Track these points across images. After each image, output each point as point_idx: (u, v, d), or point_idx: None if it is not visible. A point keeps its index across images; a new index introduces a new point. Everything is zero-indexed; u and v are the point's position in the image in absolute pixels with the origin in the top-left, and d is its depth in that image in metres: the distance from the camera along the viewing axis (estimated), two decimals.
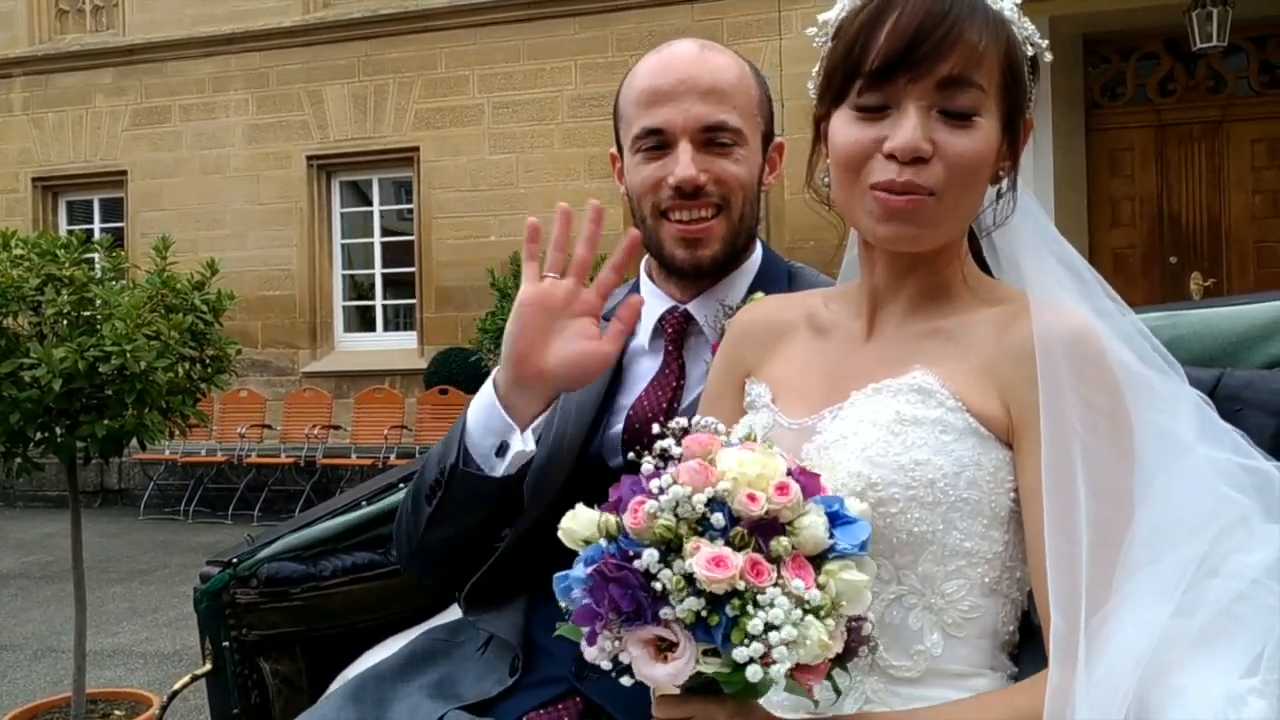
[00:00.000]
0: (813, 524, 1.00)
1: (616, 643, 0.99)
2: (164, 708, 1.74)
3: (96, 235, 11.23)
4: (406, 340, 11.35)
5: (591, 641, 1.00)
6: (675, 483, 0.99)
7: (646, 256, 1.67)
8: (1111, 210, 9.05)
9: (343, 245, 11.70)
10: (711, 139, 1.55)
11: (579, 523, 1.04)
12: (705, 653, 0.96)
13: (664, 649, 0.97)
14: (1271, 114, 8.70)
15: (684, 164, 1.53)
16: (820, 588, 0.97)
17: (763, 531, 0.98)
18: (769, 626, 0.93)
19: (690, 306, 1.62)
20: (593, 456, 1.59)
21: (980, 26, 1.14)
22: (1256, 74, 8.72)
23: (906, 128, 1.13)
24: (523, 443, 1.47)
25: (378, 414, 10.08)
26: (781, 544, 0.98)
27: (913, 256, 1.23)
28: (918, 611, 1.16)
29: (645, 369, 1.63)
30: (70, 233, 4.28)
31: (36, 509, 9.89)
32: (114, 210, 12.18)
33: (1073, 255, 1.23)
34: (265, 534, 1.81)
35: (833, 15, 1.23)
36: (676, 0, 9.96)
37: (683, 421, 1.07)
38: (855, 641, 1.02)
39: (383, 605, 1.81)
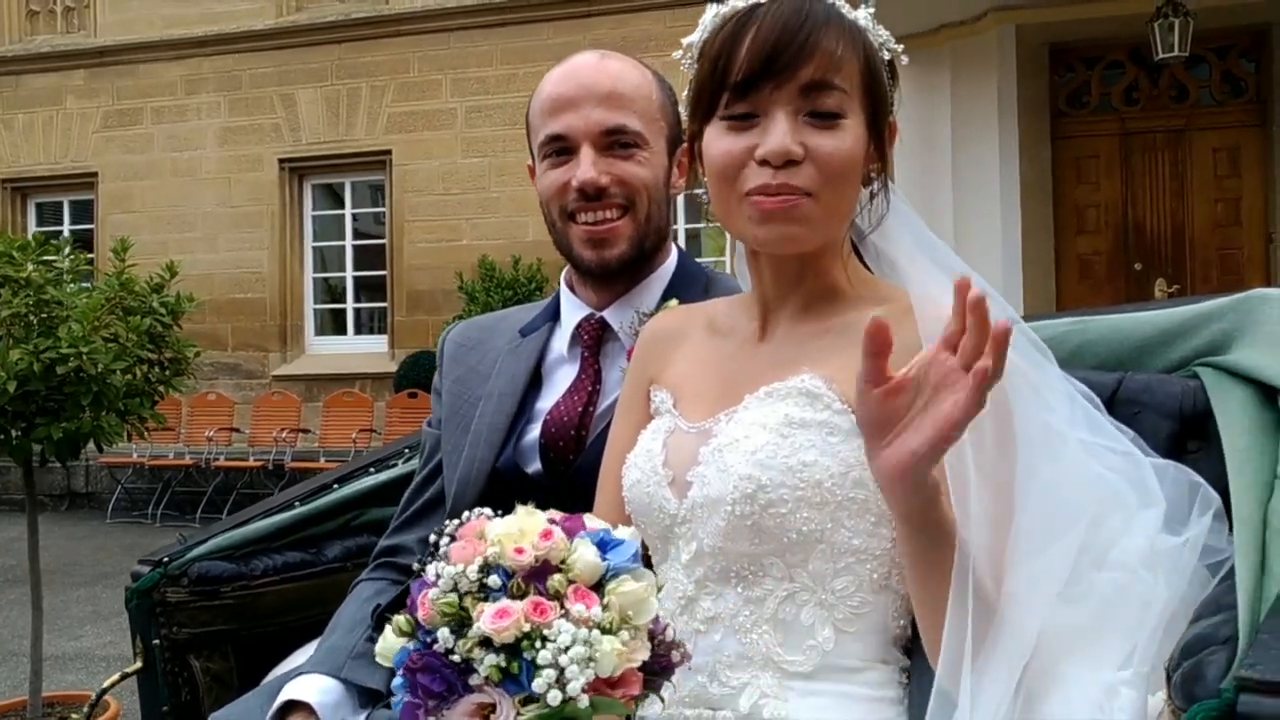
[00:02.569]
0: (583, 556, 1.05)
1: None
2: (93, 705, 1.75)
3: (64, 237, 11.20)
4: (377, 344, 11.35)
5: None
6: (448, 565, 1.04)
7: (567, 266, 1.71)
8: (1077, 217, 9.11)
9: (314, 248, 11.70)
10: (613, 142, 1.58)
11: (388, 641, 1.08)
12: (523, 701, 1.00)
13: (488, 715, 1.01)
14: (1233, 123, 8.80)
15: (585, 166, 1.57)
16: (604, 606, 1.02)
17: (538, 577, 1.04)
18: (560, 651, 0.98)
19: (606, 313, 1.65)
20: (505, 469, 1.62)
21: (836, 34, 1.18)
22: (1219, 84, 8.81)
23: (776, 133, 1.17)
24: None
25: (347, 417, 10.07)
26: (557, 580, 1.03)
27: (798, 261, 1.27)
28: (810, 608, 1.19)
29: (564, 375, 1.66)
30: (38, 234, 4.27)
31: (1, 512, 9.82)
32: (84, 212, 12.13)
33: (947, 253, 1.26)
34: (197, 533, 1.83)
35: (696, 37, 1.27)
36: (649, 6, 10.00)
37: (451, 525, 1.10)
38: (665, 648, 1.07)
39: (313, 604, 1.82)
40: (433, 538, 1.10)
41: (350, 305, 11.68)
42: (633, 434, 1.37)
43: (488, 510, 1.11)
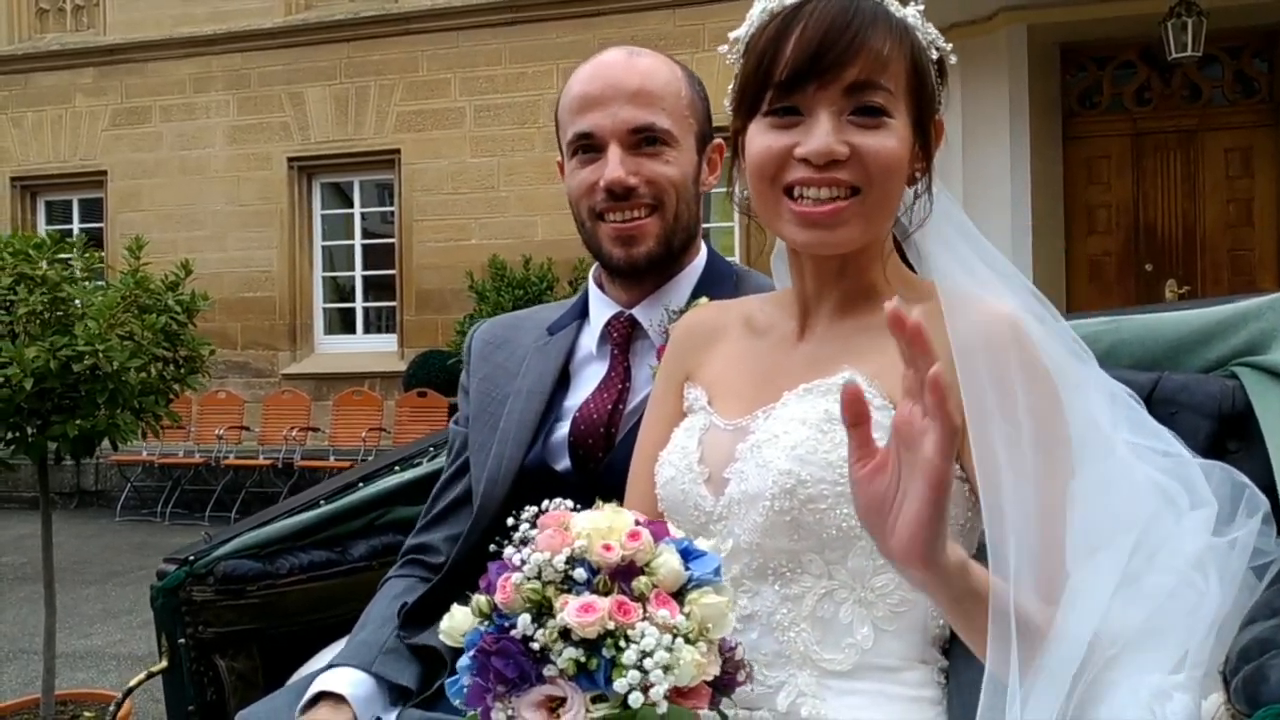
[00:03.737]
0: (667, 561, 1.05)
1: (510, 713, 1.02)
2: (118, 704, 1.75)
3: (75, 235, 11.20)
4: (386, 343, 11.35)
5: (486, 718, 1.04)
6: (535, 551, 1.04)
7: (596, 264, 1.70)
8: (1088, 218, 9.10)
9: (323, 247, 11.70)
10: (641, 140, 1.58)
11: (456, 620, 1.08)
12: (594, 699, 1.00)
13: (555, 708, 1.01)
14: (1245, 123, 8.78)
15: (613, 165, 1.56)
16: (685, 615, 1.02)
17: (623, 576, 1.04)
18: (643, 655, 0.98)
19: (635, 311, 1.65)
20: (533, 466, 1.62)
21: (884, 33, 1.17)
22: (1231, 84, 8.79)
23: (819, 133, 1.17)
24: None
25: (356, 416, 10.07)
26: (642, 582, 1.03)
27: (839, 260, 1.26)
28: (848, 605, 1.19)
29: (593, 373, 1.66)
30: (52, 233, 4.27)
31: (11, 510, 9.83)
32: (94, 210, 12.15)
33: (994, 253, 1.25)
34: (223, 532, 1.82)
35: (742, 32, 1.26)
36: (658, 5, 9.99)
37: (532, 509, 1.10)
38: (732, 667, 1.07)
39: (339, 603, 1.82)
40: (511, 521, 1.09)
41: (359, 304, 11.68)
42: (665, 431, 1.37)
43: (569, 501, 1.11)
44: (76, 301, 3.85)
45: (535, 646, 1.00)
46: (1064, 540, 1.06)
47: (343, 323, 11.79)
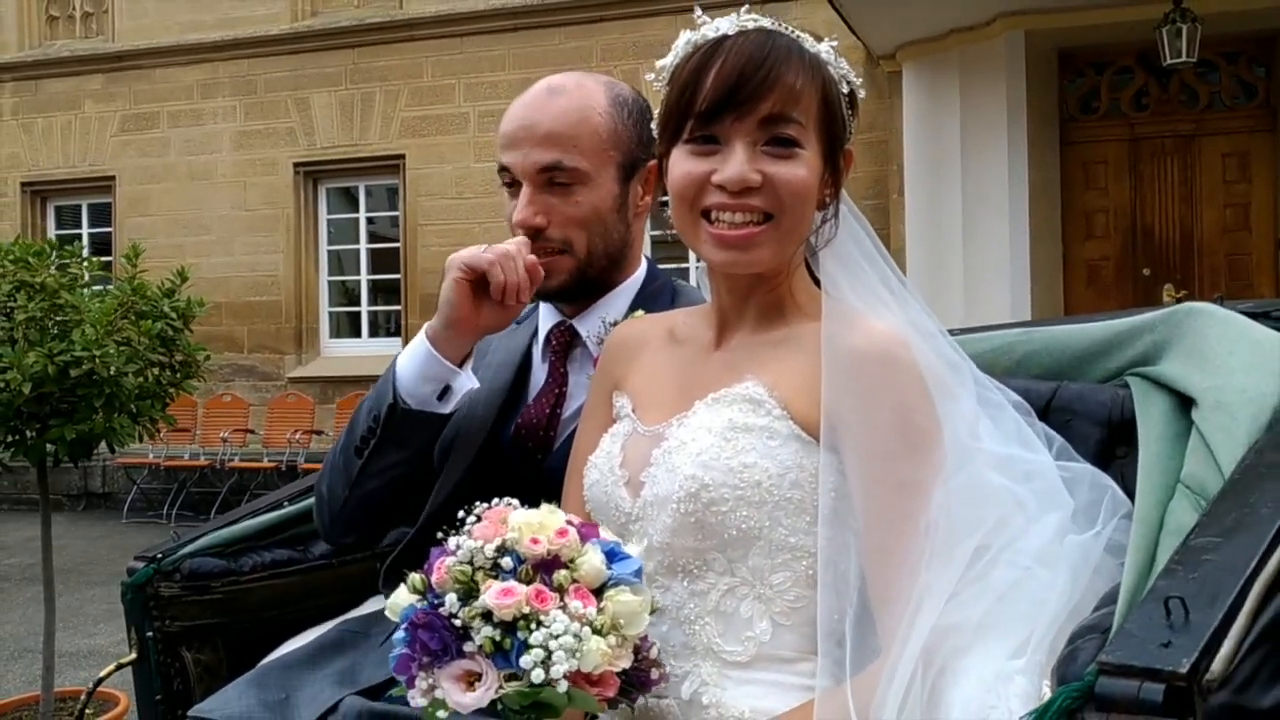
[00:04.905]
0: (590, 559, 1.15)
1: (432, 682, 1.12)
2: (89, 694, 1.84)
3: (85, 240, 11.36)
4: (392, 346, 11.42)
5: (411, 685, 1.13)
6: (470, 539, 1.15)
7: None
8: (1086, 222, 9.13)
9: (330, 251, 11.80)
10: (551, 179, 1.65)
11: (399, 597, 1.18)
12: (507, 678, 1.09)
13: (472, 682, 1.10)
14: (1243, 128, 8.81)
15: (521, 206, 1.65)
16: (599, 610, 1.12)
17: (546, 569, 1.14)
18: (551, 638, 1.08)
19: (575, 321, 1.74)
20: (490, 451, 1.71)
21: (797, 68, 1.26)
22: (1228, 89, 8.82)
23: (734, 162, 1.26)
24: (468, 380, 1.64)
25: None
26: (563, 575, 1.13)
27: (752, 278, 1.35)
28: (748, 601, 1.27)
29: (538, 379, 1.75)
30: (58, 238, 4.37)
31: (20, 512, 9.96)
32: (102, 215, 12.27)
33: (893, 275, 1.34)
34: (190, 531, 1.91)
35: (668, 62, 1.35)
36: (659, 11, 10.07)
37: (480, 506, 1.20)
38: (645, 664, 1.16)
39: (300, 599, 1.91)
40: (461, 514, 1.19)
41: (365, 308, 11.78)
42: (597, 436, 1.45)
43: (515, 500, 1.20)
44: (76, 308, 3.95)
45: (458, 624, 1.10)
46: (911, 543, 1.15)
47: (349, 326, 11.90)
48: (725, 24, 1.29)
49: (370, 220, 11.80)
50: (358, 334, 11.82)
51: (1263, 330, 1.44)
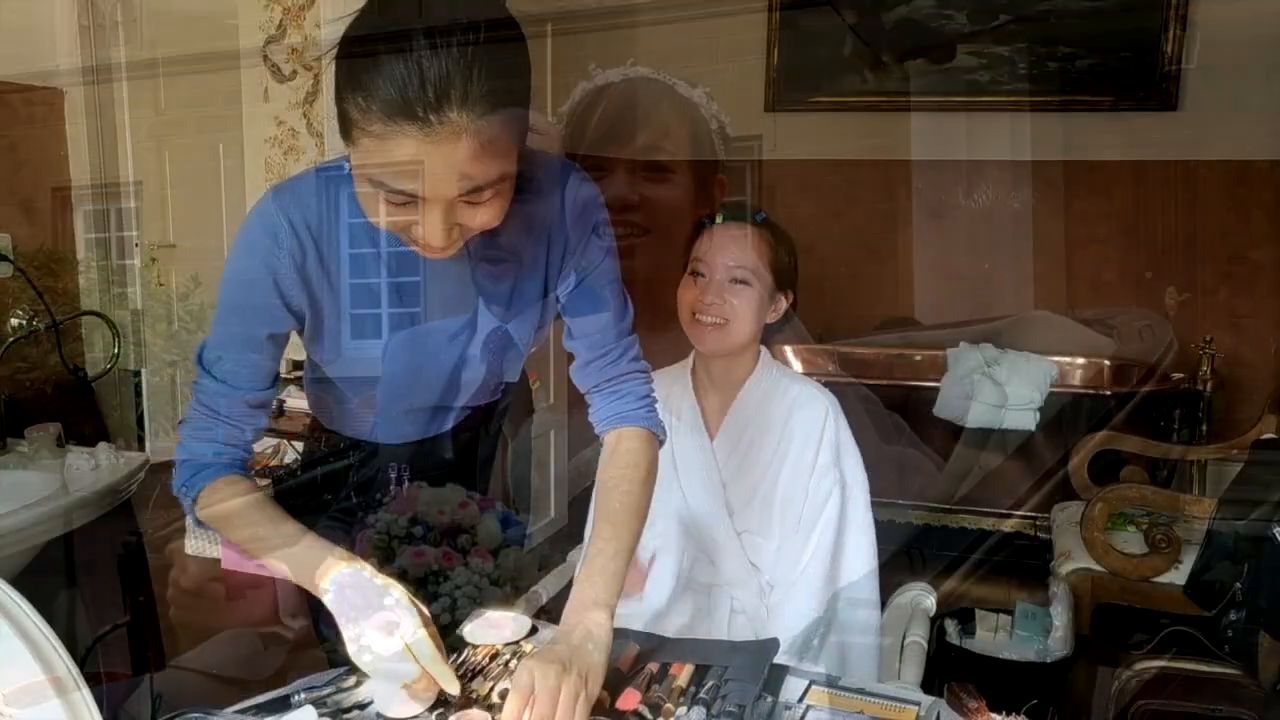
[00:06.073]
0: (487, 525, 1.38)
1: (359, 631, 1.27)
2: (89, 650, 2.01)
3: (112, 245, 11.53)
4: None
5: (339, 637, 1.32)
6: (387, 514, 1.38)
7: None
8: (1088, 225, 9.20)
9: (350, 255, 11.96)
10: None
11: (327, 567, 1.35)
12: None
13: (393, 631, 1.27)
14: (1243, 132, 8.86)
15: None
16: (496, 565, 1.35)
17: (451, 535, 1.36)
18: (456, 589, 1.30)
19: (509, 326, 1.92)
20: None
21: (666, 109, 1.49)
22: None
23: (614, 186, 1.48)
24: None
25: None
26: (463, 538, 1.36)
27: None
28: None
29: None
30: (85, 241, 4.58)
31: None
32: (131, 220, 12.47)
33: None
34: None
35: (566, 108, 1.57)
36: (665, 20, 10.18)
37: (394, 490, 1.43)
38: (536, 612, 1.39)
39: None
40: (379, 496, 1.41)
41: (385, 310, 11.92)
42: None
43: (424, 483, 1.43)
44: (96, 313, 4.17)
45: (379, 582, 1.27)
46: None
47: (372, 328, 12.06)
48: (613, 74, 1.52)
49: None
50: (378, 335, 11.97)
51: None
